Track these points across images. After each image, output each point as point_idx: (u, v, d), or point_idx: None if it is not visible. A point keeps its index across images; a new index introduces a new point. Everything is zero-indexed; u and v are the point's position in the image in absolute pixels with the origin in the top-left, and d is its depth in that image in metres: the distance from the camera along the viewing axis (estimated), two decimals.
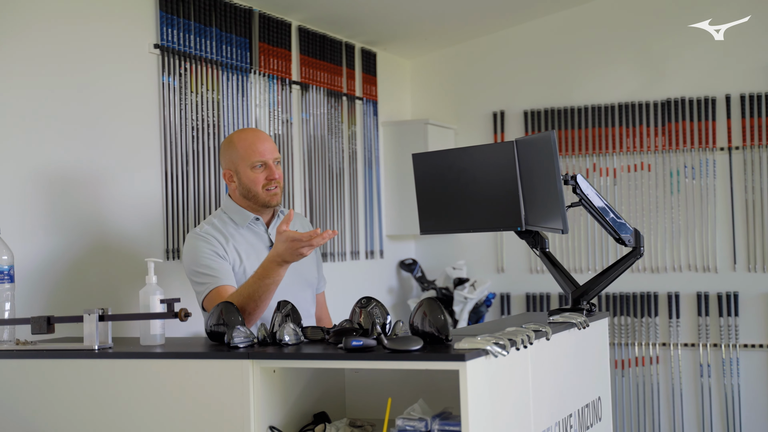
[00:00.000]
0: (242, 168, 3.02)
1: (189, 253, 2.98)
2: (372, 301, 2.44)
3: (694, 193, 5.22)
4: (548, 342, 2.50)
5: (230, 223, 3.05)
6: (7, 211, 2.99)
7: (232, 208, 3.07)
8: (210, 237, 2.98)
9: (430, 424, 2.24)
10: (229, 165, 3.06)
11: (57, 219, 3.19)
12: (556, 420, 2.60)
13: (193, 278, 2.95)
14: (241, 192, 3.05)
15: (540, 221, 2.81)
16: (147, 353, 2.43)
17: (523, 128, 5.55)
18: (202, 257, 2.93)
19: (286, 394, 2.40)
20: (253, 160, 3.01)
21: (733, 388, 5.14)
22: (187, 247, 3.00)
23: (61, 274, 3.18)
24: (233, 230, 3.03)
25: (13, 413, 2.49)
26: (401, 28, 5.21)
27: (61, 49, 3.24)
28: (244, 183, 3.03)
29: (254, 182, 3.02)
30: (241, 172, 3.03)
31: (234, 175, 3.05)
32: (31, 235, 3.08)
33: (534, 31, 5.54)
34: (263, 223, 3.09)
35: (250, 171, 3.02)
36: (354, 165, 5.07)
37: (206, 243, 2.96)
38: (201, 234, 2.99)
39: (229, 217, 3.06)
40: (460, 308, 5.28)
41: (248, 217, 3.05)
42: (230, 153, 3.06)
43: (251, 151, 3.02)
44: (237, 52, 4.11)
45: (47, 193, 3.15)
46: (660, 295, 5.29)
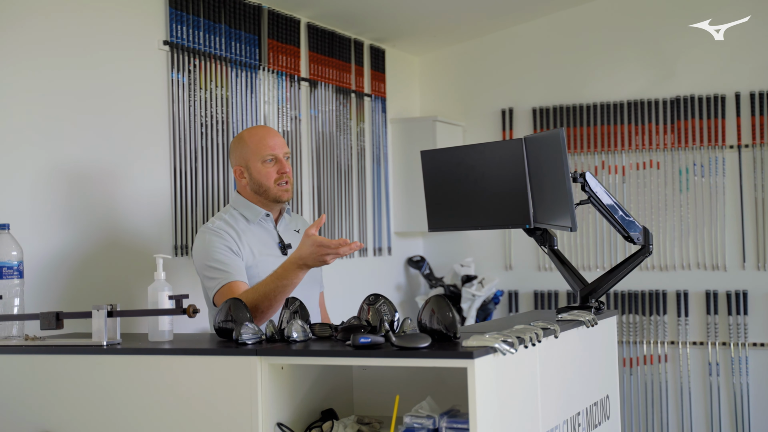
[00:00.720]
0: (253, 163, 3.03)
1: (201, 248, 2.97)
2: (380, 298, 2.44)
3: (703, 191, 5.20)
4: (556, 340, 2.49)
5: (241, 219, 3.05)
6: (16, 207, 2.99)
7: (243, 204, 3.07)
8: (223, 232, 2.97)
9: (437, 422, 2.24)
10: (240, 161, 3.06)
11: (66, 215, 3.19)
12: (564, 418, 2.60)
13: (205, 273, 2.94)
14: (252, 187, 3.05)
15: (548, 219, 2.81)
16: (155, 349, 2.44)
17: (532, 125, 5.54)
18: (215, 252, 2.92)
19: (293, 391, 2.40)
20: (264, 155, 3.03)
21: (742, 386, 5.13)
22: (199, 242, 2.99)
23: (70, 270, 3.19)
24: (244, 226, 3.03)
25: (22, 408, 2.49)
26: (410, 25, 5.20)
27: (71, 45, 3.25)
28: (256, 178, 3.04)
29: (266, 176, 3.03)
30: (252, 167, 3.04)
31: (245, 171, 3.06)
32: (41, 231, 3.09)
33: (543, 28, 5.53)
34: (272, 220, 3.09)
35: (261, 165, 3.03)
36: (362, 162, 5.07)
37: (219, 238, 2.95)
38: (213, 229, 2.98)
39: (240, 213, 3.06)
40: (468, 306, 5.28)
41: (259, 213, 3.05)
42: (241, 149, 3.07)
43: (262, 145, 3.03)
44: (246, 49, 4.11)
45: (56, 190, 3.16)
46: (669, 293, 5.28)
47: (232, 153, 3.12)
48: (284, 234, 3.12)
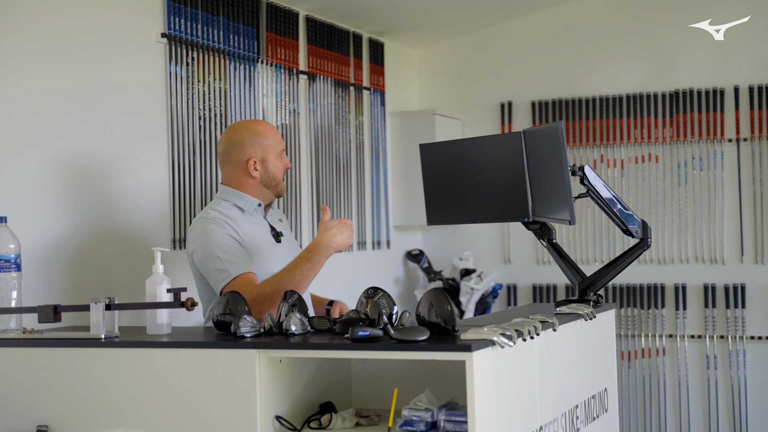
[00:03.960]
0: (270, 156, 3.02)
1: (201, 239, 2.89)
2: (379, 291, 2.44)
3: (701, 185, 5.20)
4: (555, 333, 2.50)
5: (234, 209, 2.99)
6: (14, 200, 2.99)
7: (235, 195, 3.01)
8: (221, 221, 2.91)
9: (436, 415, 2.24)
10: (256, 153, 3.00)
11: (64, 208, 3.19)
12: (562, 411, 2.60)
13: (210, 264, 2.85)
14: (264, 181, 3.01)
15: (547, 212, 2.81)
16: (153, 342, 2.44)
17: (531, 119, 5.54)
18: (219, 241, 2.86)
19: (292, 384, 2.40)
20: (279, 150, 3.04)
21: (740, 379, 5.14)
22: (198, 234, 2.91)
23: (68, 263, 3.19)
24: (238, 216, 2.97)
25: (20, 402, 2.49)
26: (409, 18, 5.19)
27: (69, 37, 3.24)
28: (272, 171, 3.02)
29: (279, 170, 3.05)
30: (270, 160, 3.02)
31: (259, 163, 3.00)
32: (38, 224, 3.08)
33: (542, 21, 5.52)
34: (263, 209, 3.07)
35: (276, 159, 3.03)
36: (361, 155, 5.07)
37: (219, 227, 2.89)
38: (211, 218, 2.91)
39: (233, 204, 3.00)
40: (466, 299, 5.28)
41: (253, 203, 3.01)
42: (259, 141, 3.00)
43: (277, 140, 3.04)
44: (244, 42, 4.10)
45: (55, 182, 3.16)
46: (667, 286, 5.28)
47: (240, 145, 3.01)
48: (273, 223, 3.10)
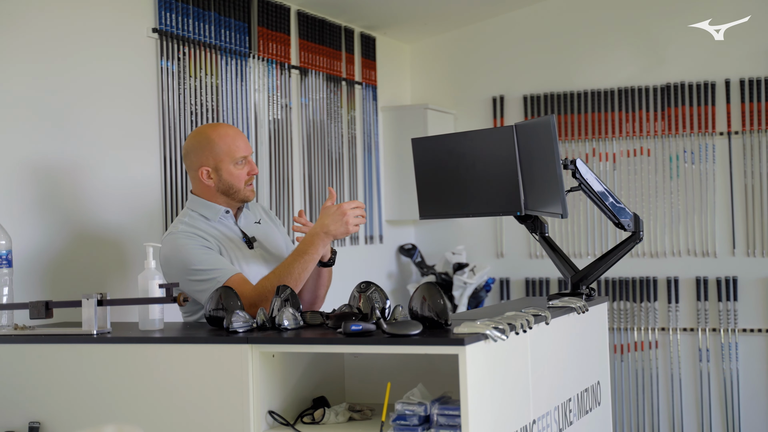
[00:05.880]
0: (225, 164, 2.91)
1: (175, 255, 2.82)
2: (371, 285, 2.44)
3: (693, 178, 5.21)
4: (547, 326, 2.50)
5: (200, 219, 2.92)
6: (4, 196, 2.98)
7: (200, 204, 2.94)
8: (190, 233, 2.85)
9: (429, 409, 2.24)
10: (207, 162, 2.91)
11: (55, 204, 3.18)
12: (555, 404, 2.61)
13: (190, 278, 2.78)
14: (220, 189, 2.93)
15: (539, 206, 2.81)
16: (146, 338, 2.43)
17: (523, 113, 5.54)
18: (194, 254, 2.80)
19: (285, 379, 2.40)
20: (237, 157, 2.92)
21: (732, 372, 5.15)
22: (170, 250, 2.83)
23: (59, 259, 3.18)
24: (205, 225, 2.91)
25: (12, 398, 2.49)
26: (401, 12, 5.18)
27: (59, 33, 3.23)
28: (226, 180, 2.92)
29: (238, 178, 2.93)
30: (224, 168, 2.91)
31: (213, 172, 2.91)
32: (29, 220, 3.07)
33: (534, 15, 5.52)
34: (233, 216, 2.99)
35: (233, 167, 2.92)
36: (353, 150, 5.06)
37: (190, 239, 2.83)
38: (180, 233, 2.85)
39: (199, 214, 2.93)
40: (459, 293, 5.28)
41: (219, 211, 2.94)
42: (210, 149, 2.91)
43: (234, 147, 2.92)
44: (236, 37, 4.09)
45: (45, 178, 3.15)
46: (659, 279, 5.29)
47: (194, 152, 2.93)
48: (246, 228, 3.02)
